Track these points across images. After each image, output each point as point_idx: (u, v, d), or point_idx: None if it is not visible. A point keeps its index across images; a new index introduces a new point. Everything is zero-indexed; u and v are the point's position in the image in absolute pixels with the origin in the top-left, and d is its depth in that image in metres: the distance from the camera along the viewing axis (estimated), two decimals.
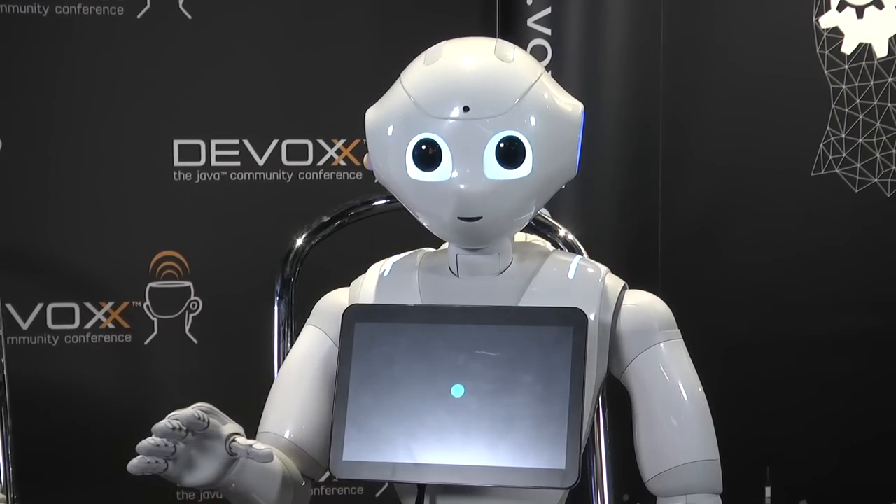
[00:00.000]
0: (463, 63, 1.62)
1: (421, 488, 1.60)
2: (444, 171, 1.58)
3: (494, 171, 1.58)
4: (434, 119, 1.58)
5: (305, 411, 1.67)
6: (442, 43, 1.67)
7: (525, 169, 1.58)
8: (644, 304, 1.68)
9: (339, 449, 1.57)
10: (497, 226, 1.62)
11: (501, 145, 1.57)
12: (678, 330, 1.68)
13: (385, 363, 1.58)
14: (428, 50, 1.66)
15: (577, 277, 1.66)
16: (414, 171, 1.60)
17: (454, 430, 1.55)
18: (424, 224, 1.68)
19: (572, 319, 1.56)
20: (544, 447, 1.52)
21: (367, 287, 1.70)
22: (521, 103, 1.58)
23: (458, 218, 1.59)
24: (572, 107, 1.63)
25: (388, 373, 1.58)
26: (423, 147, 1.59)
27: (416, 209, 1.66)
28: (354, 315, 1.62)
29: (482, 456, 1.53)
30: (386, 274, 1.70)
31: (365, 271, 1.75)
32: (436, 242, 1.77)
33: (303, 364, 1.73)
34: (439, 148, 1.58)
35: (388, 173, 1.65)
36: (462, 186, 1.57)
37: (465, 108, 1.57)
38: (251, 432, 2.60)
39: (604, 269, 1.68)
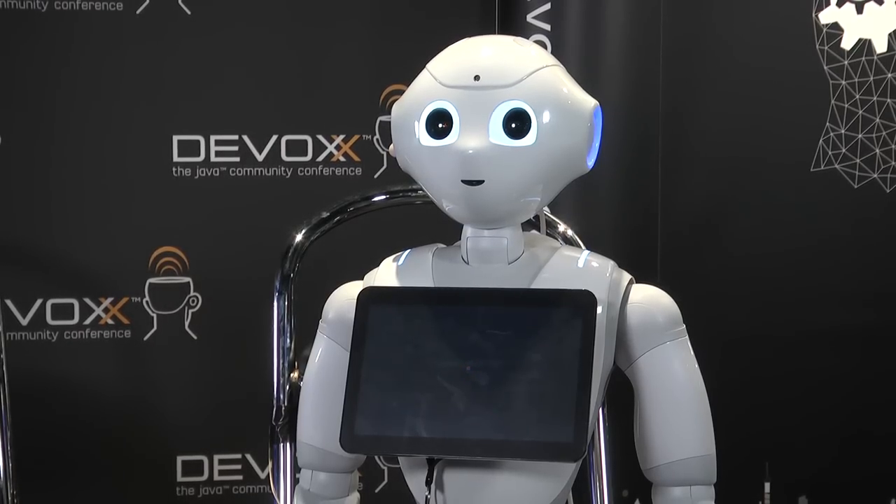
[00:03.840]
0: (480, 41, 1.71)
1: (431, 463, 1.62)
2: (453, 136, 1.63)
3: (499, 137, 1.62)
4: (447, 88, 1.64)
5: (333, 420, 1.68)
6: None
7: (529, 139, 1.62)
8: (651, 300, 1.70)
9: (350, 424, 1.60)
10: (500, 196, 1.64)
11: (508, 116, 1.62)
12: (684, 327, 1.70)
13: (398, 343, 1.61)
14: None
15: (585, 267, 1.69)
16: (426, 139, 1.65)
17: (464, 406, 1.57)
18: (435, 199, 1.70)
19: (582, 300, 1.58)
20: (552, 421, 1.55)
21: (381, 275, 1.73)
22: (530, 78, 1.63)
23: (462, 181, 1.62)
24: (585, 98, 1.68)
25: (400, 352, 1.61)
26: (436, 120, 1.64)
27: (426, 180, 1.69)
28: (369, 297, 1.64)
29: (491, 431, 1.56)
30: (400, 262, 1.74)
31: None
32: (437, 238, 1.78)
33: (324, 375, 1.77)
34: (451, 121, 1.63)
35: (406, 148, 1.69)
36: (465, 148, 1.61)
37: (476, 77, 1.63)
38: (255, 427, 2.61)
39: (611, 263, 1.70)
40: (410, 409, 1.58)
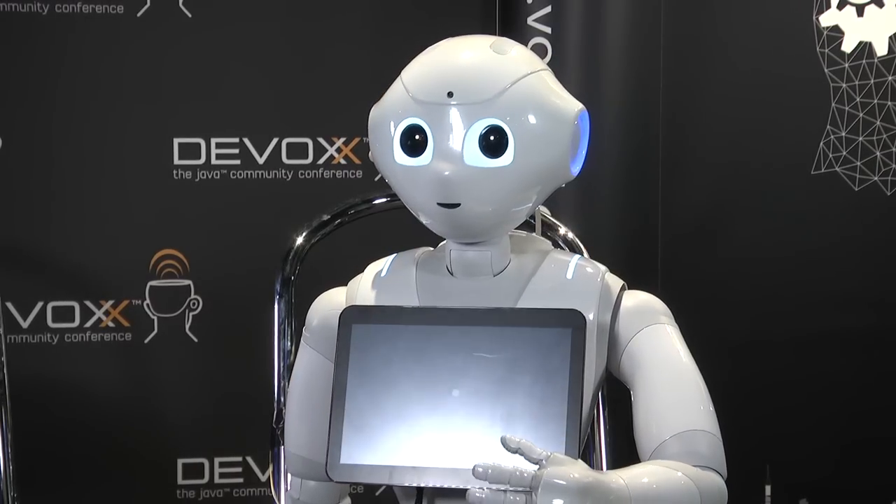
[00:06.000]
0: (454, 52, 1.63)
1: (419, 491, 1.59)
2: (427, 156, 1.58)
3: (475, 158, 1.56)
4: (420, 104, 1.58)
5: (320, 431, 1.66)
6: (446, 38, 1.67)
7: (506, 159, 1.57)
8: (643, 302, 1.66)
9: (337, 451, 1.56)
10: (479, 216, 1.59)
11: (484, 133, 1.56)
12: (676, 325, 1.66)
13: (382, 365, 1.57)
14: (431, 45, 1.67)
15: (575, 277, 1.64)
16: (401, 157, 1.60)
17: (452, 433, 1.53)
18: (413, 213, 1.67)
19: (571, 321, 1.54)
20: (544, 446, 1.48)
21: (364, 287, 1.69)
22: (507, 93, 1.56)
23: (438, 204, 1.58)
24: (568, 105, 1.61)
25: (385, 375, 1.56)
26: (411, 133, 1.59)
27: (403, 196, 1.65)
28: (352, 316, 1.60)
29: (480, 458, 1.49)
30: (383, 274, 1.69)
31: (363, 270, 1.74)
32: (436, 242, 1.77)
33: (308, 386, 1.75)
34: (426, 135, 1.58)
35: (382, 162, 1.65)
36: (440, 171, 1.56)
37: (450, 94, 1.56)
38: (255, 428, 2.61)
39: (603, 268, 1.66)
40: (397, 437, 1.54)
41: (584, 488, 1.37)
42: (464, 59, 1.61)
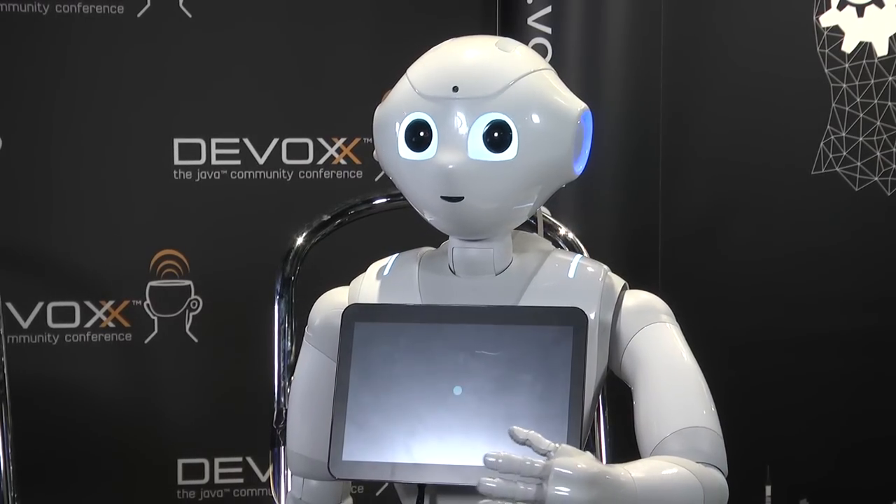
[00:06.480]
0: (460, 50, 1.65)
1: (421, 488, 1.60)
2: (432, 150, 1.60)
3: (479, 152, 1.58)
4: (426, 99, 1.60)
5: (322, 430, 1.67)
6: (451, 39, 1.70)
7: (510, 153, 1.58)
8: (645, 302, 1.68)
9: (339, 449, 1.57)
10: (482, 212, 1.61)
11: (488, 128, 1.58)
12: (676, 323, 1.67)
13: (385, 363, 1.58)
14: (436, 45, 1.69)
15: (577, 276, 1.65)
16: (405, 151, 1.62)
17: (454, 430, 1.54)
18: (417, 209, 1.68)
19: (572, 319, 1.55)
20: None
21: (366, 286, 1.70)
22: (511, 88, 1.59)
23: (442, 198, 1.60)
24: (571, 105, 1.63)
25: (387, 372, 1.58)
26: (416, 129, 1.60)
27: (407, 191, 1.67)
28: (354, 314, 1.61)
29: (482, 456, 1.50)
30: (386, 273, 1.70)
31: (365, 270, 1.75)
32: (436, 242, 1.77)
33: (311, 385, 1.76)
34: (430, 130, 1.59)
35: (386, 159, 1.66)
36: (444, 164, 1.58)
37: (455, 89, 1.58)
38: (255, 428, 2.61)
39: (604, 268, 1.67)
40: (398, 434, 1.55)
41: (591, 478, 1.38)
42: (469, 55, 1.63)
